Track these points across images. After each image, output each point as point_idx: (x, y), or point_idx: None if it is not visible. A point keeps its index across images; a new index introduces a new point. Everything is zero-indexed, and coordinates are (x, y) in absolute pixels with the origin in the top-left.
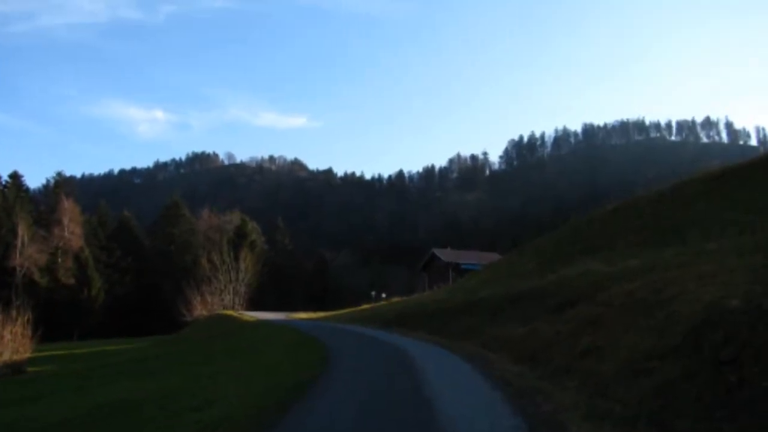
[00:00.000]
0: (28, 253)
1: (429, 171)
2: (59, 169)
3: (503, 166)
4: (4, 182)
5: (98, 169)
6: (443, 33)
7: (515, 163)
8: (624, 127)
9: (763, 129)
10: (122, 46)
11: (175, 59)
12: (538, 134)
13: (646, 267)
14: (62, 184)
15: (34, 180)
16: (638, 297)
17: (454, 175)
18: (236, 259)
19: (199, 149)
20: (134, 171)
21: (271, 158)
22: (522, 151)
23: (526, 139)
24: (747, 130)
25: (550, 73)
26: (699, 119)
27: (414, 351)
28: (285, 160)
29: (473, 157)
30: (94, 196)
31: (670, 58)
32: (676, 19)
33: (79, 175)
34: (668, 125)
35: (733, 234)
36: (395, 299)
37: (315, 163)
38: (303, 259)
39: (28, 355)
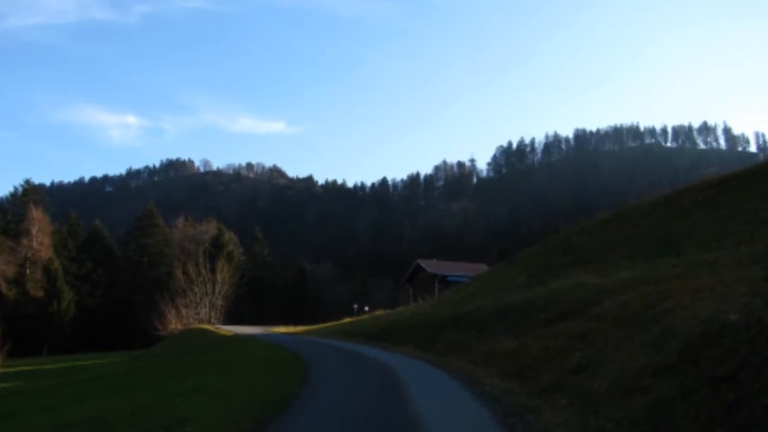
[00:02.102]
0: None
1: (414, 179)
2: (27, 177)
3: (491, 174)
4: None
5: (68, 176)
6: (429, 35)
7: (504, 170)
8: (617, 132)
9: (763, 135)
10: (93, 48)
11: (148, 62)
12: (527, 140)
13: (639, 280)
14: (31, 193)
15: (1, 188)
16: (632, 311)
17: (440, 182)
18: (212, 270)
19: (173, 156)
20: (106, 178)
21: (249, 165)
22: (511, 158)
23: (515, 145)
24: (746, 135)
25: (541, 77)
26: (696, 125)
27: (398, 366)
28: (263, 167)
29: (460, 164)
30: (64, 204)
31: (665, 61)
32: (672, 20)
33: (48, 183)
34: (664, 131)
35: (731, 245)
36: (378, 312)
37: (295, 170)
38: (282, 271)
39: None
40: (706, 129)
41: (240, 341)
